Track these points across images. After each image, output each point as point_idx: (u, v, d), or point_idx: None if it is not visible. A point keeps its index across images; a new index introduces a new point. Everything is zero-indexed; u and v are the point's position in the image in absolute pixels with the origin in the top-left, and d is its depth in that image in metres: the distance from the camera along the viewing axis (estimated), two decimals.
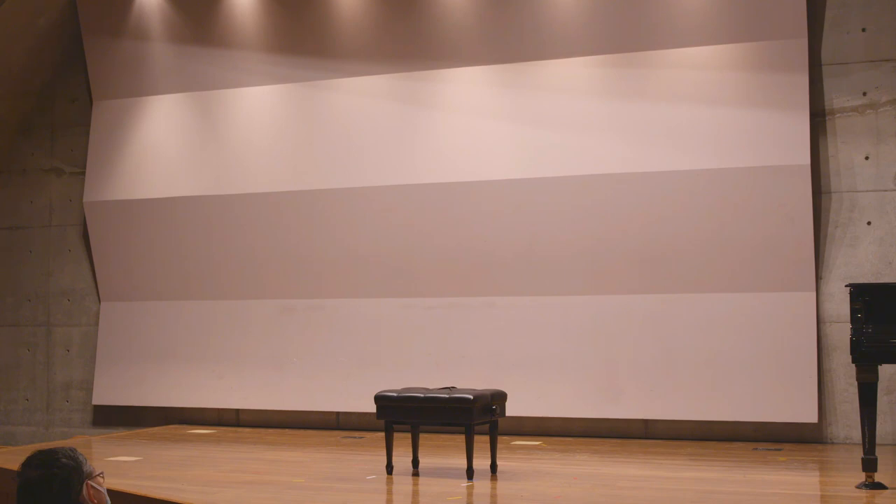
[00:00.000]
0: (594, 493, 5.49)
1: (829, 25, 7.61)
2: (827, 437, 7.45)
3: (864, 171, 7.51)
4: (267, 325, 8.91)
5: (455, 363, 8.18)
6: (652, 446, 7.37)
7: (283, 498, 5.41)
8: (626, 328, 7.88)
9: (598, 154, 7.93)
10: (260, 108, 8.97)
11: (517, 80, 8.20)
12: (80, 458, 2.62)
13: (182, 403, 9.12)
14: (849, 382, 7.25)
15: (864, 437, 5.41)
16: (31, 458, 2.61)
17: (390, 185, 8.46)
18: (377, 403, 6.05)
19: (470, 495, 5.49)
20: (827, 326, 7.50)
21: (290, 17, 8.84)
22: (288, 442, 7.88)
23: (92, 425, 9.52)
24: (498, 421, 6.07)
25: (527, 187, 8.07)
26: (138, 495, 5.31)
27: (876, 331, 5.40)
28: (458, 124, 8.35)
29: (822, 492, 5.76)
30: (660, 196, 7.76)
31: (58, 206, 9.81)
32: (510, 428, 7.46)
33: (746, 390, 7.54)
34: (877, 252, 7.47)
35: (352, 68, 8.66)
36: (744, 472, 6.11)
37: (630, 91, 7.90)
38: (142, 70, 9.34)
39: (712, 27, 7.71)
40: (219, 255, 9.01)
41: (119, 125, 9.42)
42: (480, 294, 8.28)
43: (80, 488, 2.58)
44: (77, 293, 9.69)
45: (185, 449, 7.49)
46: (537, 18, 8.12)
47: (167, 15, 9.21)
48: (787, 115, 7.48)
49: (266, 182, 8.86)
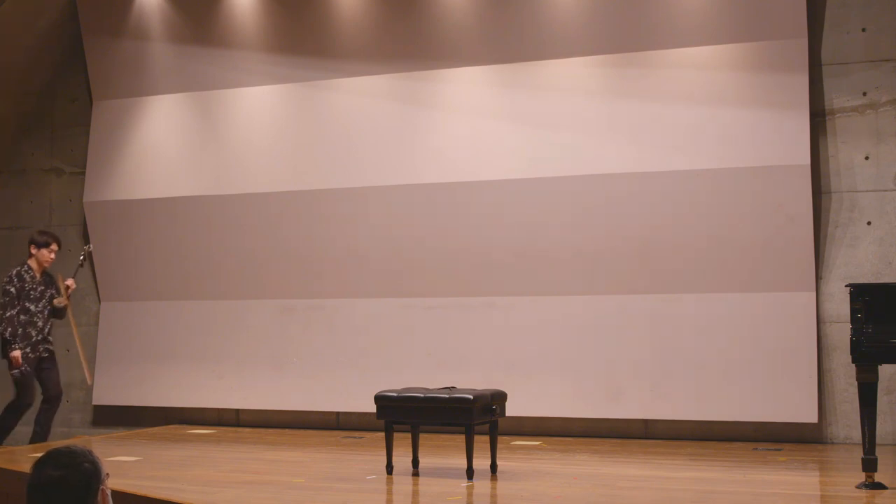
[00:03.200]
0: (594, 493, 5.49)
1: (829, 25, 7.61)
2: (827, 437, 7.45)
3: (864, 171, 7.51)
4: (267, 325, 8.91)
5: (455, 363, 8.18)
6: (652, 446, 7.37)
7: (283, 498, 5.41)
8: (626, 328, 7.88)
9: (598, 154, 7.94)
10: (260, 108, 8.97)
11: (517, 80, 8.20)
12: (99, 461, 2.54)
13: (182, 403, 9.12)
14: (849, 382, 7.24)
15: (864, 437, 5.41)
16: (50, 456, 2.52)
17: (390, 185, 8.46)
18: (377, 403, 6.05)
19: (470, 495, 5.49)
20: (827, 326, 7.50)
21: (290, 17, 8.84)
22: (288, 442, 7.89)
23: (92, 425, 9.51)
24: (498, 421, 6.07)
25: (527, 187, 8.07)
26: (138, 495, 5.31)
27: (876, 331, 5.39)
28: (458, 124, 8.35)
29: (822, 492, 5.76)
30: (659, 196, 7.76)
31: (58, 206, 9.81)
32: (510, 428, 7.46)
33: (746, 390, 7.54)
34: (877, 252, 7.47)
35: (352, 68, 8.66)
36: (744, 472, 6.11)
37: (630, 91, 7.90)
38: (142, 70, 9.34)
39: (712, 27, 7.71)
40: (219, 255, 9.01)
41: (119, 125, 9.42)
42: (480, 294, 8.28)
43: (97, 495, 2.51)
44: (77, 293, 9.66)
45: (185, 449, 7.49)
46: (537, 18, 8.12)
47: (167, 15, 9.21)
48: (787, 115, 7.48)
49: (266, 182, 8.86)
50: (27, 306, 7.92)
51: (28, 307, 7.93)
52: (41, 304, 7.99)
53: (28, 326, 7.90)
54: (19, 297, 7.90)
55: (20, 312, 7.88)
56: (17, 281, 7.94)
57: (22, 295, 7.91)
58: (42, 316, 8.00)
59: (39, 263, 8.04)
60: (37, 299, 7.98)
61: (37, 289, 8.00)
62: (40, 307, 7.98)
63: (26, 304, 7.92)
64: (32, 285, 7.98)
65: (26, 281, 7.97)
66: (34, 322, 7.94)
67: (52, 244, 8.08)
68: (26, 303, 7.92)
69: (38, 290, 8.01)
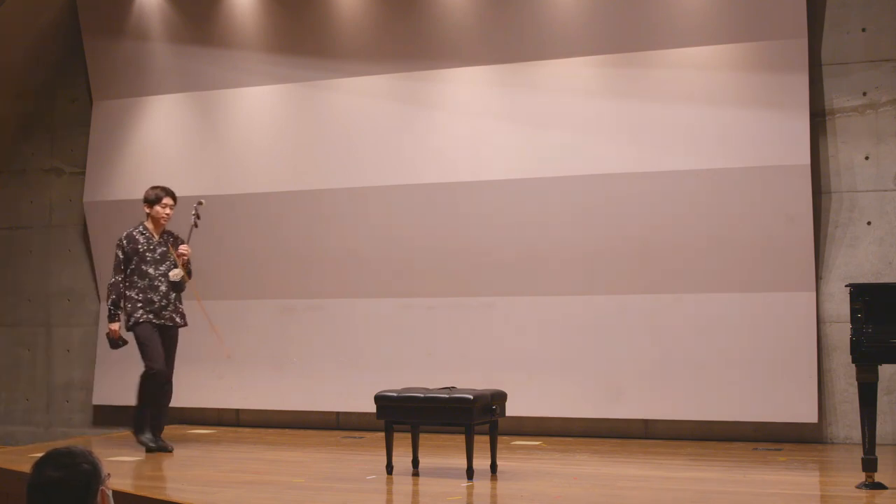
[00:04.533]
0: (594, 493, 5.49)
1: (829, 25, 7.61)
2: (827, 437, 7.45)
3: (864, 171, 7.51)
4: (267, 325, 8.91)
5: (455, 363, 8.17)
6: (652, 446, 7.37)
7: (283, 498, 5.41)
8: (626, 328, 7.88)
9: (598, 154, 7.93)
10: (260, 108, 8.97)
11: (517, 80, 8.20)
12: (98, 462, 2.56)
13: (182, 403, 9.08)
14: (849, 382, 7.24)
15: (864, 437, 5.41)
16: (50, 457, 2.53)
17: (390, 185, 8.45)
18: (377, 403, 6.05)
19: (470, 495, 5.49)
20: (827, 326, 7.50)
21: (290, 17, 8.84)
22: (288, 442, 7.89)
23: (92, 425, 9.51)
24: (498, 421, 6.07)
25: (527, 187, 8.07)
26: (138, 495, 5.31)
27: (876, 331, 5.39)
28: (458, 124, 8.35)
29: (822, 492, 5.76)
30: (659, 196, 7.76)
31: (58, 206, 9.81)
32: (510, 428, 7.45)
33: (746, 390, 7.54)
34: (877, 252, 7.47)
35: (352, 68, 8.65)
36: (744, 472, 6.11)
37: (630, 91, 7.90)
38: (142, 70, 9.34)
39: (712, 27, 7.71)
40: (219, 255, 9.01)
41: (119, 125, 9.42)
42: (480, 294, 8.27)
43: (96, 495, 2.53)
44: (77, 293, 9.69)
45: (185, 449, 7.48)
46: (537, 18, 8.12)
47: (167, 15, 9.21)
48: (787, 115, 7.47)
49: (266, 182, 8.85)
50: (145, 270, 7.18)
51: (147, 271, 7.19)
52: (164, 266, 7.24)
53: (149, 291, 7.16)
54: (129, 260, 7.19)
55: (139, 277, 7.17)
56: (126, 243, 7.23)
57: (136, 258, 7.18)
58: (167, 280, 7.24)
59: (156, 222, 7.30)
60: (156, 262, 7.23)
61: (155, 250, 7.26)
62: (163, 269, 7.23)
63: (143, 268, 7.18)
64: (149, 247, 7.25)
65: (140, 242, 7.24)
66: (155, 286, 7.18)
67: (164, 198, 7.30)
68: (143, 266, 7.19)
69: (157, 251, 7.26)
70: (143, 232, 7.28)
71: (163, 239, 7.32)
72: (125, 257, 7.20)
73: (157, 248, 7.27)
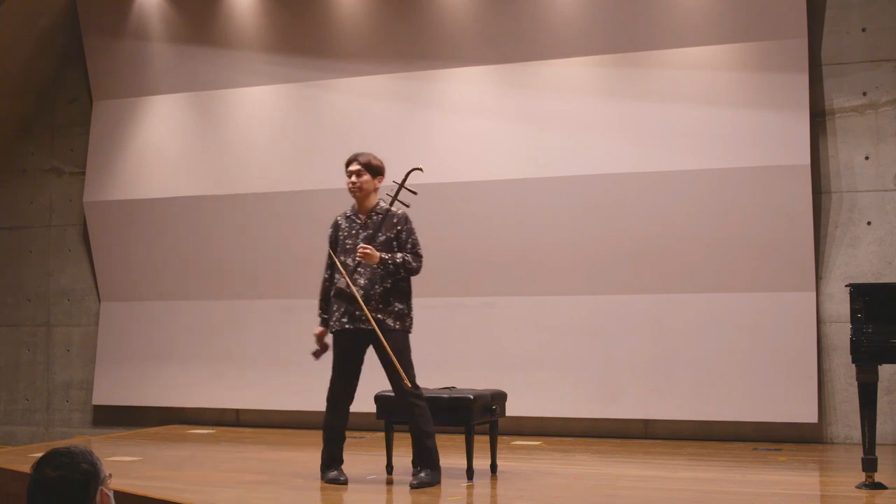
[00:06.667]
0: (594, 493, 5.49)
1: (829, 25, 7.61)
2: (827, 437, 7.45)
3: (864, 171, 7.51)
4: (267, 325, 8.90)
5: (455, 363, 8.17)
6: (652, 446, 7.37)
7: (283, 498, 5.41)
8: (625, 328, 7.88)
9: (598, 154, 7.93)
10: (260, 108, 8.97)
11: (517, 80, 8.20)
12: (98, 462, 2.56)
13: (182, 403, 9.12)
14: (849, 382, 7.24)
15: (864, 437, 5.41)
16: (50, 457, 2.53)
17: (390, 185, 8.43)
18: (377, 403, 6.05)
19: (470, 495, 5.49)
20: (827, 326, 7.50)
21: (290, 17, 8.84)
22: (288, 442, 7.88)
23: (92, 425, 9.51)
24: (498, 421, 6.07)
25: (527, 187, 8.07)
26: (138, 495, 5.31)
27: (876, 331, 5.39)
28: (458, 124, 8.35)
29: (822, 492, 5.75)
30: (659, 196, 7.76)
31: (58, 206, 9.81)
32: (510, 428, 7.46)
33: (746, 390, 7.54)
34: (877, 252, 7.47)
35: (352, 68, 8.65)
36: (744, 472, 6.11)
37: (630, 91, 7.90)
38: (142, 70, 9.34)
39: (712, 27, 7.71)
40: (219, 255, 9.01)
41: (119, 125, 9.42)
42: (480, 294, 8.27)
43: (96, 495, 2.53)
44: (77, 293, 9.68)
45: (185, 449, 7.48)
46: (537, 18, 8.12)
47: (167, 15, 9.21)
48: (787, 115, 7.47)
49: (266, 182, 8.85)
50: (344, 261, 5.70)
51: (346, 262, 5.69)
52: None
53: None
54: (334, 250, 5.78)
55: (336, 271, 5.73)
56: (331, 230, 5.85)
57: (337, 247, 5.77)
58: (367, 271, 5.62)
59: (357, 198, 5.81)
60: (353, 250, 5.66)
61: (357, 234, 5.69)
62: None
63: (342, 258, 5.72)
64: (350, 231, 5.75)
65: (342, 228, 5.79)
66: (354, 280, 5.62)
67: (347, 165, 5.85)
68: (342, 255, 5.72)
69: (359, 235, 5.68)
70: (347, 216, 5.87)
71: (370, 220, 5.78)
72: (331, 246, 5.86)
73: (359, 231, 5.75)
